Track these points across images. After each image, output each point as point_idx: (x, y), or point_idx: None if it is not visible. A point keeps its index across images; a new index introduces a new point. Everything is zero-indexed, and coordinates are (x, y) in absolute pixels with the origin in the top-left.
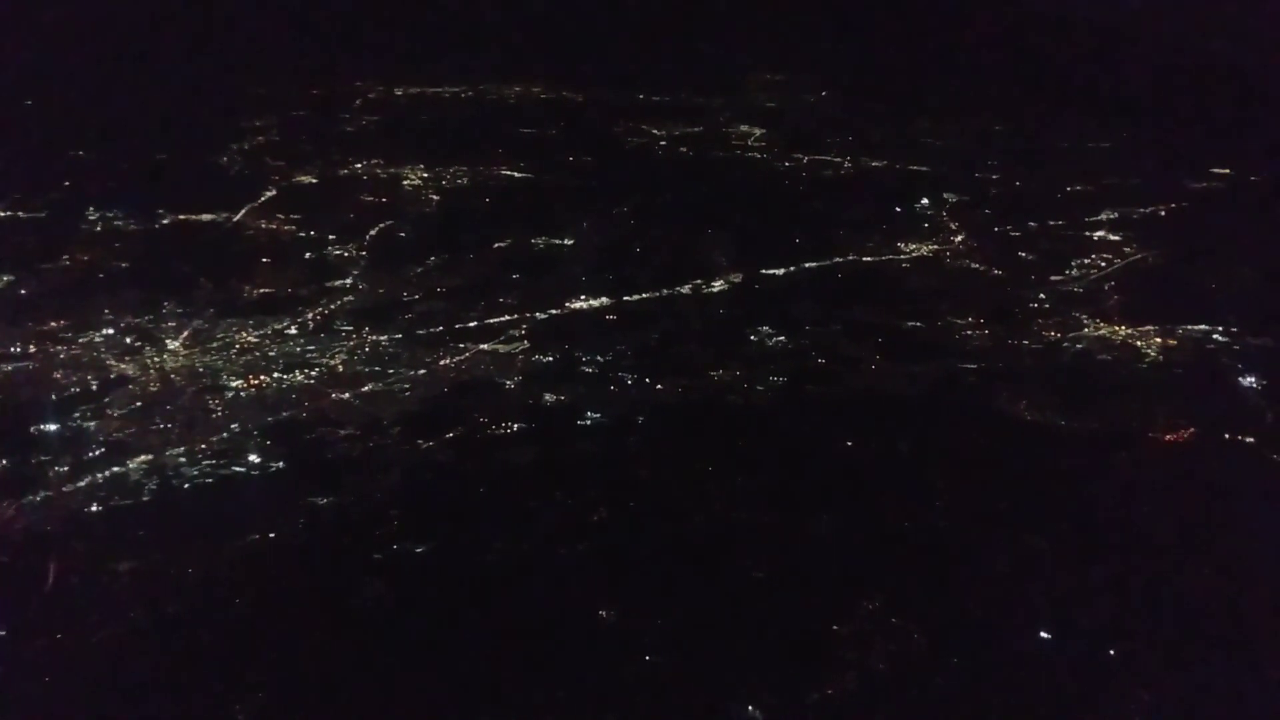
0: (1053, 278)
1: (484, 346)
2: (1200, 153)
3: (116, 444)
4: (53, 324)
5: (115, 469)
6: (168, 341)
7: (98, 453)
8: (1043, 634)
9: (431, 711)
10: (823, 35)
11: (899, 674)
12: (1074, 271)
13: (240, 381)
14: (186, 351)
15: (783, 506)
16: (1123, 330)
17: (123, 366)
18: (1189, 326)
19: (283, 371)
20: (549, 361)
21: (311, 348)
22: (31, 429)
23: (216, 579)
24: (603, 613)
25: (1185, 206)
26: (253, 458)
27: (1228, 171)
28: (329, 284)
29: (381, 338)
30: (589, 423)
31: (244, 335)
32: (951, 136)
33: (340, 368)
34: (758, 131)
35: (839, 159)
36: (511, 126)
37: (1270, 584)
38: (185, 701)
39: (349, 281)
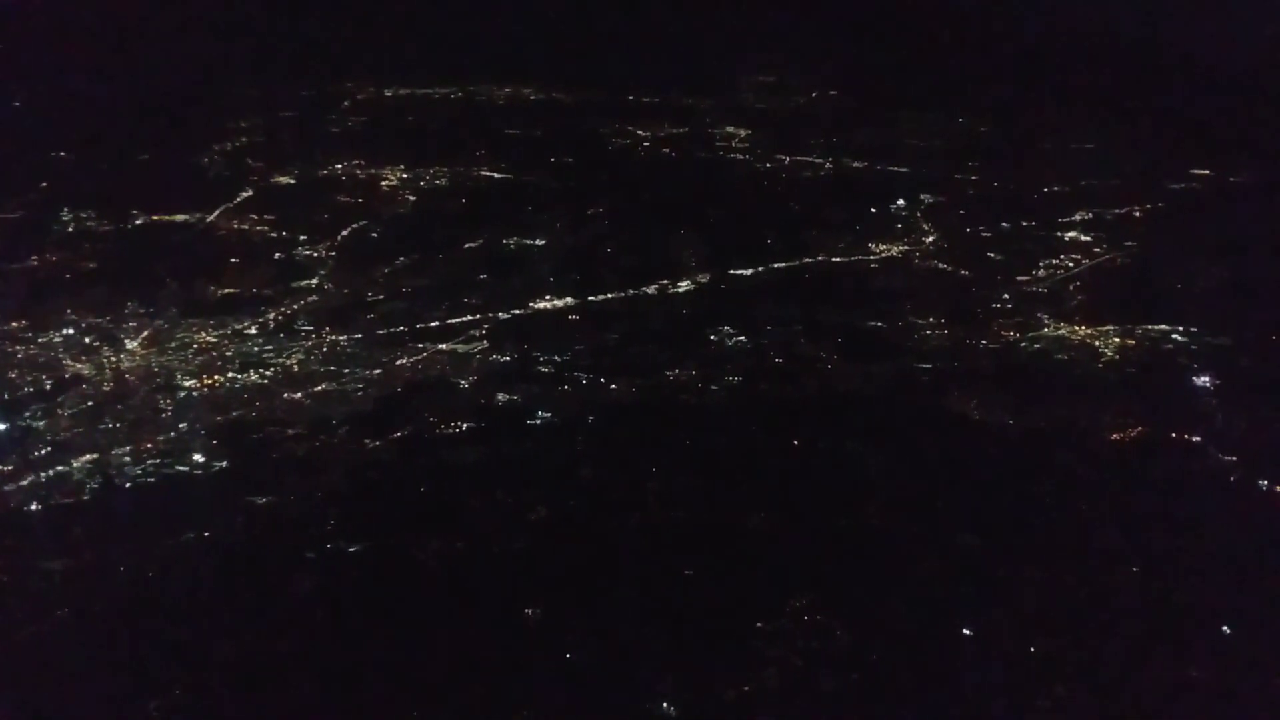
0: (1018, 278)
1: (442, 346)
2: (1183, 154)
3: (63, 443)
4: (13, 324)
5: (59, 468)
6: (126, 341)
7: (44, 452)
8: (965, 630)
9: (342, 708)
10: (816, 36)
11: (817, 670)
12: (1040, 272)
13: (194, 381)
14: (144, 352)
15: (722, 505)
16: (1082, 330)
17: (78, 367)
18: (1149, 326)
19: (238, 371)
20: (506, 361)
21: (270, 348)
22: None
23: (146, 577)
24: (529, 611)
25: (1161, 207)
26: (197, 457)
27: (1208, 173)
28: (295, 284)
29: (341, 338)
30: (538, 422)
31: (203, 335)
32: (935, 138)
33: (296, 367)
34: (743, 133)
35: (820, 160)
36: (498, 127)
37: (1196, 581)
38: (101, 698)
39: (315, 282)
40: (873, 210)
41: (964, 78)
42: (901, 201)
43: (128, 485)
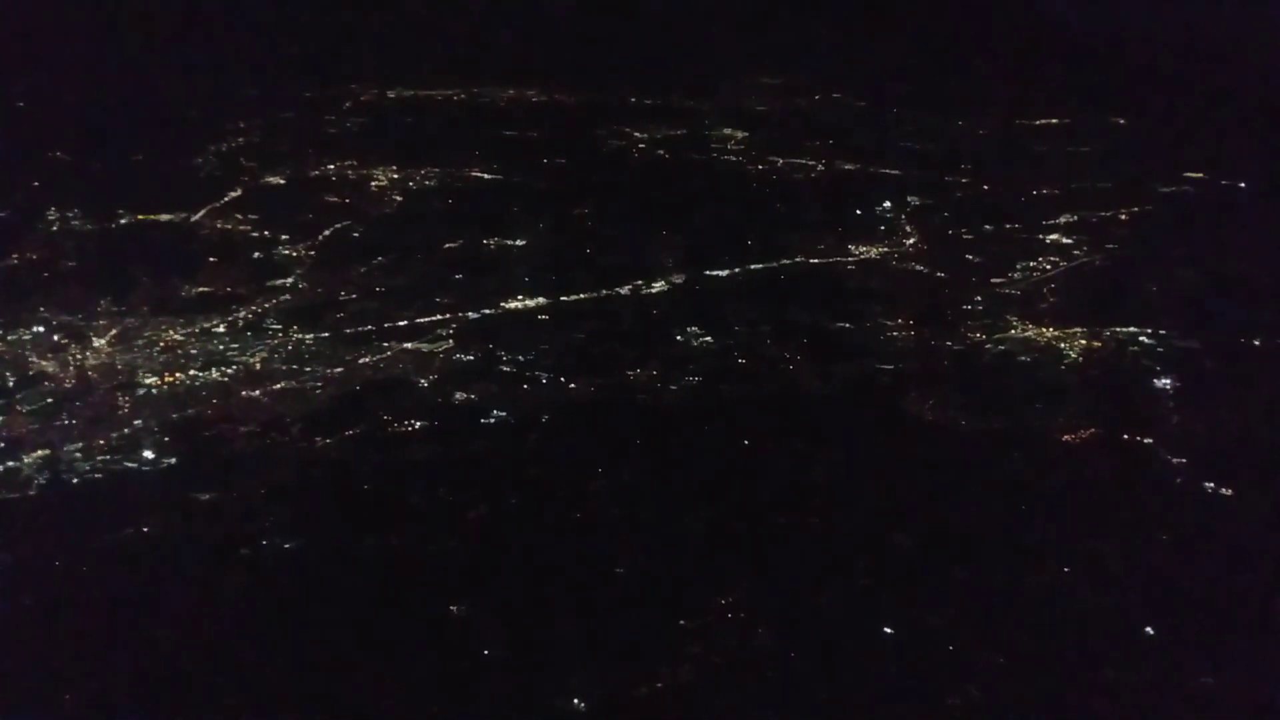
0: (993, 280)
1: (407, 345)
2: (1178, 157)
3: (17, 439)
4: None
5: (10, 463)
6: (94, 339)
7: None
8: (885, 629)
9: (260, 702)
10: (822, 38)
11: (735, 668)
12: (1016, 274)
13: (155, 379)
14: (110, 349)
15: (662, 504)
16: (1049, 332)
17: (43, 364)
18: (1117, 329)
19: (200, 369)
20: (469, 360)
21: (235, 346)
22: None
23: (80, 572)
24: (454, 608)
25: (1148, 210)
26: (147, 454)
27: (1201, 176)
28: (270, 283)
29: (307, 336)
30: (493, 421)
31: (171, 333)
32: (930, 140)
33: (258, 366)
34: (740, 134)
35: (813, 162)
36: (496, 129)
37: (1125, 582)
38: (14, 689)
39: (290, 281)
40: (858, 212)
41: (964, 80)
42: (887, 204)
43: (75, 481)
